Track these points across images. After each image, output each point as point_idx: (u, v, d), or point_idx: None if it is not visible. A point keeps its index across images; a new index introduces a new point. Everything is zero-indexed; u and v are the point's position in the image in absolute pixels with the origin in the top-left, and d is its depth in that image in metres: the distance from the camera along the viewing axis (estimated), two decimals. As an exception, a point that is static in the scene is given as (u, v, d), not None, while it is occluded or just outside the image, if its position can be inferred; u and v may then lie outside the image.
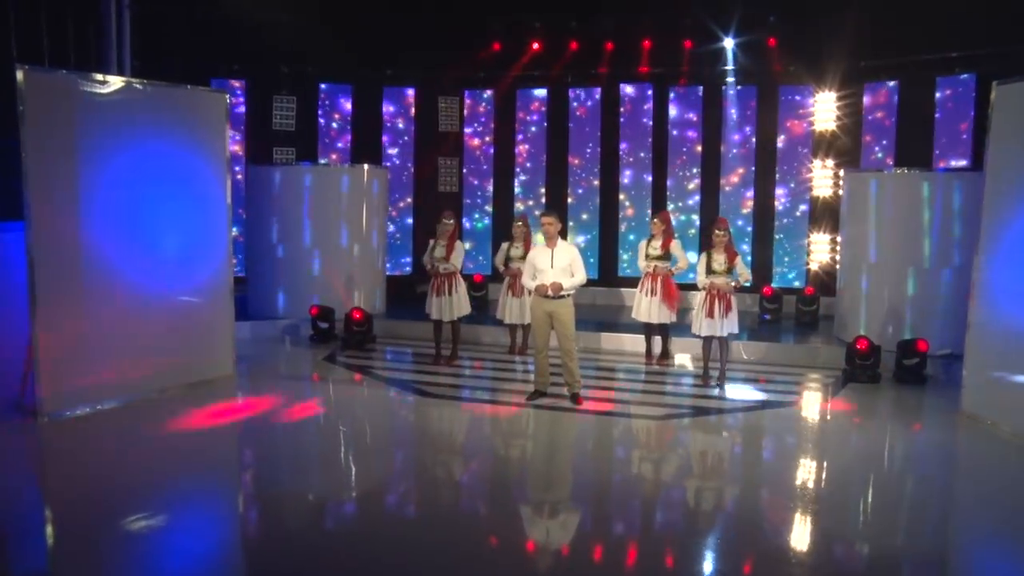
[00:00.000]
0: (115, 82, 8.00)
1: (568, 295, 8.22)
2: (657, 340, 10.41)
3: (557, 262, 8.15)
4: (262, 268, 12.32)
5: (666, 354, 10.40)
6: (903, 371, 9.49)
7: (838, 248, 11.87)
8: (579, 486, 6.67)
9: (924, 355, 9.42)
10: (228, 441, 7.64)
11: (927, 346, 9.40)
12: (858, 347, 9.45)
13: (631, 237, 14.09)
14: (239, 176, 13.21)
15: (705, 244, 13.37)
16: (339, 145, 14.64)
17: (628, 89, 14.05)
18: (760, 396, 9.09)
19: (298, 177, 12.30)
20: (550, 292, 8.08)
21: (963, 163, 11.65)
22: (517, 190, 14.59)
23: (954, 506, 6.46)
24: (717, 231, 9.02)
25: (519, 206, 14.38)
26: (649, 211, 13.93)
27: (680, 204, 13.94)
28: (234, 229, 9.78)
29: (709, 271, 8.93)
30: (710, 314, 8.91)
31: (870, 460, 7.31)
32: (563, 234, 11.98)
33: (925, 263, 10.17)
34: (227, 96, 9.09)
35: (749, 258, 13.28)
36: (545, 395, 8.51)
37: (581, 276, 8.22)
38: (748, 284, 9.12)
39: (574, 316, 8.33)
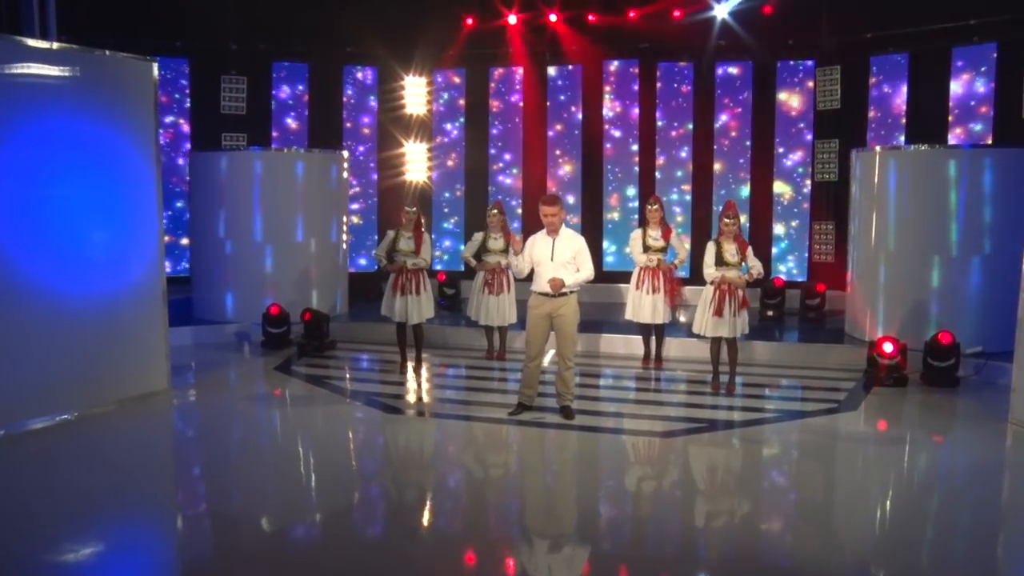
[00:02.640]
0: (12, 43, 6.71)
1: (572, 292, 7.07)
2: (654, 341, 9.25)
3: (559, 255, 6.97)
4: (208, 267, 11.06)
5: (660, 356, 9.27)
6: (932, 372, 8.41)
7: (846, 236, 10.77)
8: (578, 519, 5.50)
9: (957, 355, 8.34)
10: (160, 467, 6.49)
11: (951, 338, 8.31)
12: (881, 352, 8.30)
13: (610, 229, 12.98)
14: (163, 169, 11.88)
15: (699, 231, 12.40)
16: (294, 129, 13.33)
17: (613, 66, 12.92)
18: (775, 405, 8.01)
19: (248, 164, 11.03)
20: (550, 290, 6.93)
21: (982, 141, 10.61)
22: (491, 177, 13.38)
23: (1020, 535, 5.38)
24: (726, 218, 7.87)
25: (497, 194, 13.16)
26: (636, 197, 12.80)
27: (670, 189, 12.81)
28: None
29: (721, 263, 7.80)
30: (719, 312, 7.77)
31: (913, 481, 6.26)
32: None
33: (952, 251, 9.08)
34: (155, 65, 7.79)
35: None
36: (530, 409, 7.33)
37: (587, 271, 7.06)
38: (760, 276, 8.00)
39: (579, 317, 7.18)
